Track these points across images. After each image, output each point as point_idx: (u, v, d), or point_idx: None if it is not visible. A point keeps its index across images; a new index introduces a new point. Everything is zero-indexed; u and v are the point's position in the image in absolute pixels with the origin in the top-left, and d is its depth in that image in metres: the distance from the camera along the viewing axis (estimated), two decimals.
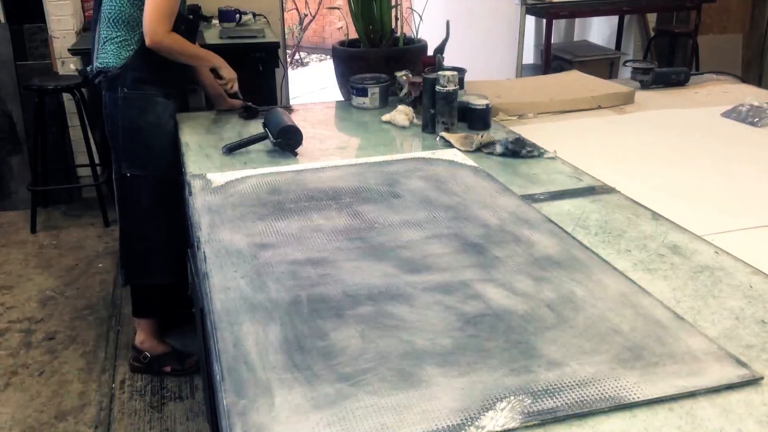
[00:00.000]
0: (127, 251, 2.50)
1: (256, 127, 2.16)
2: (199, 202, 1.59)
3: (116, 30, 2.23)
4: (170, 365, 2.58)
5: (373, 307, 1.15)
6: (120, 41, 2.24)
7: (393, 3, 2.62)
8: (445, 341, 1.05)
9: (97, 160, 3.87)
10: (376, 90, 2.37)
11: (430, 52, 2.52)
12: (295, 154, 1.93)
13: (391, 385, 0.95)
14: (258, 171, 1.79)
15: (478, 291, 1.20)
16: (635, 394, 0.93)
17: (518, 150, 1.87)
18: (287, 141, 1.93)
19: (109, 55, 2.26)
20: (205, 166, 1.85)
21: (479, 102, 2.13)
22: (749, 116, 2.16)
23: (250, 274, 1.26)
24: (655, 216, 1.51)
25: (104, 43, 2.27)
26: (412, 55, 2.54)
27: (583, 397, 0.93)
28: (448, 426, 0.88)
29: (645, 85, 2.60)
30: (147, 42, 2.14)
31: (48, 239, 3.75)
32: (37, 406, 2.43)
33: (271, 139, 1.94)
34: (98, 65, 2.29)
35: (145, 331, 2.59)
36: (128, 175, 2.34)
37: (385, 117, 2.23)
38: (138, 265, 2.48)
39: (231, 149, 1.96)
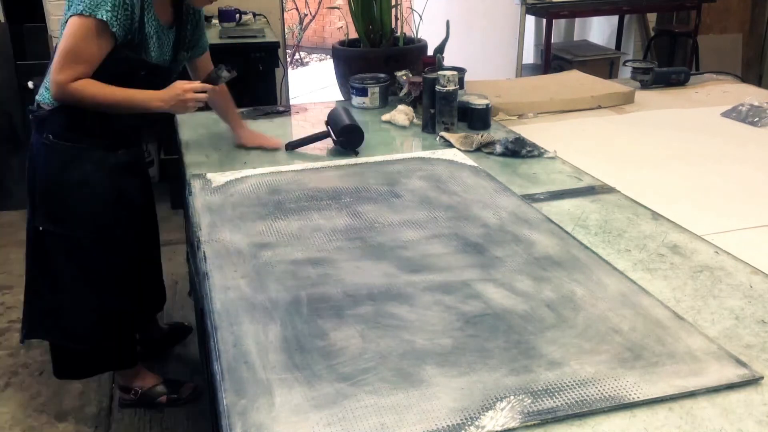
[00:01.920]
0: (31, 304, 2.14)
1: (256, 125, 2.17)
2: (199, 202, 1.59)
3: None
4: (164, 395, 2.39)
5: (373, 307, 1.15)
6: None
7: (393, 3, 2.62)
8: (445, 341, 1.05)
9: None
10: (376, 90, 2.37)
11: (430, 52, 2.52)
12: (356, 153, 1.93)
13: (391, 385, 0.95)
14: (258, 171, 1.79)
15: (478, 291, 1.20)
16: (635, 393, 0.93)
17: (518, 150, 1.87)
18: (348, 139, 1.94)
19: (45, 91, 1.94)
20: (205, 166, 1.85)
21: (479, 102, 2.13)
22: (749, 116, 2.16)
23: (250, 274, 1.26)
24: (655, 216, 1.51)
25: (47, 76, 1.94)
26: (412, 55, 2.54)
27: (583, 396, 0.93)
28: (448, 426, 0.88)
29: (645, 85, 2.60)
30: (50, 92, 1.85)
31: None
32: (37, 406, 2.43)
33: (333, 137, 1.95)
34: (37, 98, 1.97)
35: (125, 372, 2.38)
36: (40, 228, 2.01)
37: (385, 117, 2.23)
38: (44, 321, 2.16)
39: (293, 146, 1.95)
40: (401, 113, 2.19)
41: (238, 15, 4.09)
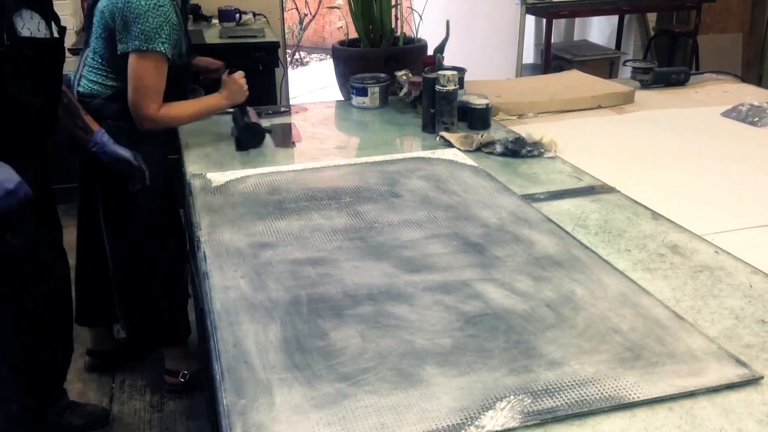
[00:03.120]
0: (125, 291, 2.29)
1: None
2: (199, 202, 1.59)
3: (102, 62, 2.08)
4: None
5: (373, 306, 1.15)
6: (105, 71, 2.09)
7: (393, 3, 2.62)
8: (445, 341, 1.05)
9: None
10: (376, 90, 2.37)
11: (430, 52, 2.52)
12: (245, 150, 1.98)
13: (391, 385, 0.95)
14: (258, 171, 1.79)
15: (478, 291, 1.20)
16: (635, 393, 0.93)
17: (518, 150, 1.87)
18: (247, 140, 1.99)
19: (94, 83, 2.10)
20: (205, 166, 1.85)
21: (479, 102, 2.13)
22: (749, 116, 2.16)
23: (250, 274, 1.26)
24: (655, 216, 1.51)
25: (89, 69, 2.11)
26: (412, 55, 2.54)
27: (583, 396, 0.93)
28: (448, 426, 0.88)
29: (645, 85, 2.60)
30: (139, 127, 2.01)
31: None
32: None
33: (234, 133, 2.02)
34: (80, 89, 2.11)
35: (174, 354, 2.45)
36: (117, 209, 2.18)
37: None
38: (137, 301, 2.30)
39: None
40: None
41: (238, 15, 4.09)
